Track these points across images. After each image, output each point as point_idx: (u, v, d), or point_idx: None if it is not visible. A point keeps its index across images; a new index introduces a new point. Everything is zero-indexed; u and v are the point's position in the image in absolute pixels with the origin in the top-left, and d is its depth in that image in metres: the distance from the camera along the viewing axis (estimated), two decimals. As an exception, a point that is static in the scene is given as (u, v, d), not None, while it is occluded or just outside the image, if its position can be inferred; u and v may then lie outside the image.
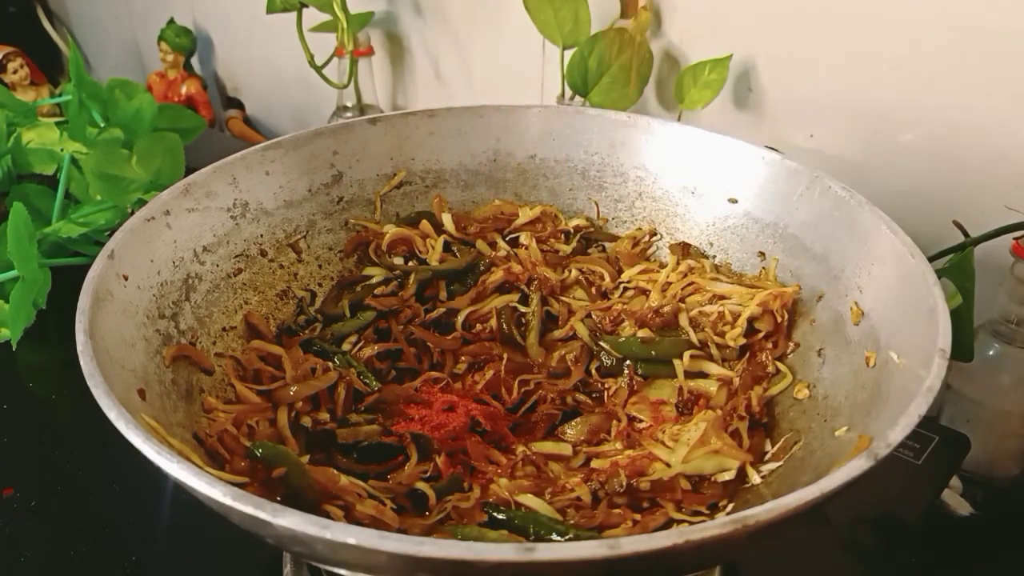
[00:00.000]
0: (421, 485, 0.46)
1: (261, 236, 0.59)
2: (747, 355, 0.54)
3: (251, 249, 0.58)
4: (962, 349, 0.58)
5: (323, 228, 0.63)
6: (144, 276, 0.49)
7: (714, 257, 0.61)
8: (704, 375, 0.53)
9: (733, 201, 0.60)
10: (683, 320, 0.55)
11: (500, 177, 0.67)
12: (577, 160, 0.66)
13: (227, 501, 0.31)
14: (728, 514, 0.38)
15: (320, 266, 0.62)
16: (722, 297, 0.56)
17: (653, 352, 0.54)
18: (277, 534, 0.32)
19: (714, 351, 0.54)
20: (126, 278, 0.47)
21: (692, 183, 0.62)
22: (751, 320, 0.54)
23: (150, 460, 0.34)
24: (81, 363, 0.38)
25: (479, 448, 0.50)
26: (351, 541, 0.29)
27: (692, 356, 0.53)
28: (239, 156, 0.58)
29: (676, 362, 0.53)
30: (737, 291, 0.56)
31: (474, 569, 0.30)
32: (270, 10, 0.97)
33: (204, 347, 0.52)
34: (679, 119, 0.80)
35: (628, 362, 0.54)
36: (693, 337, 0.54)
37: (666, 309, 0.56)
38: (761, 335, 0.54)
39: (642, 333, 0.55)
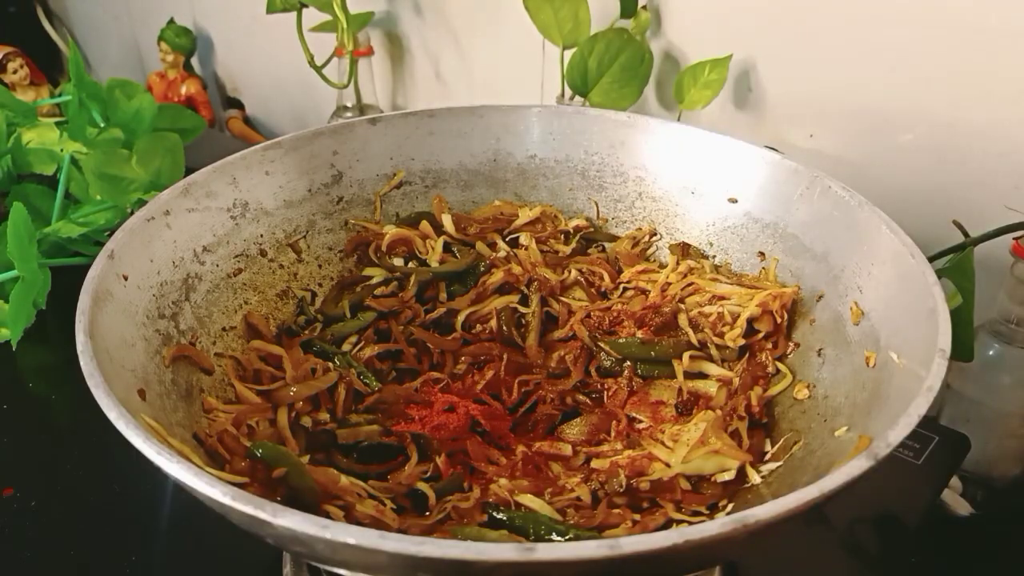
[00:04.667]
0: (421, 485, 0.46)
1: (261, 236, 0.59)
2: (746, 355, 0.54)
3: (251, 249, 0.58)
4: (962, 349, 0.58)
5: (323, 228, 0.63)
6: (144, 276, 0.49)
7: (714, 257, 0.61)
8: (704, 375, 0.53)
9: (733, 201, 0.60)
10: (682, 321, 0.55)
11: (500, 177, 0.67)
12: (577, 160, 0.66)
13: (226, 501, 0.31)
14: (728, 514, 0.38)
15: (320, 266, 0.62)
16: (721, 298, 0.56)
17: (652, 353, 0.54)
18: (277, 534, 0.32)
19: (713, 352, 0.54)
20: (126, 278, 0.47)
21: (692, 183, 0.62)
22: (750, 321, 0.54)
23: (150, 460, 0.34)
24: (81, 363, 0.38)
25: (479, 448, 0.50)
26: (351, 541, 0.29)
27: (691, 357, 0.53)
28: (239, 156, 0.58)
29: (675, 363, 0.53)
30: (736, 291, 0.56)
31: (474, 569, 0.30)
32: (270, 10, 0.97)
33: (204, 347, 0.52)
34: (679, 119, 0.80)
35: (627, 363, 0.54)
36: (692, 338, 0.54)
37: (665, 310, 0.56)
38: (760, 335, 0.54)
39: (641, 334, 0.55)
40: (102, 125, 0.86)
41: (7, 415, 0.67)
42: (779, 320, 0.54)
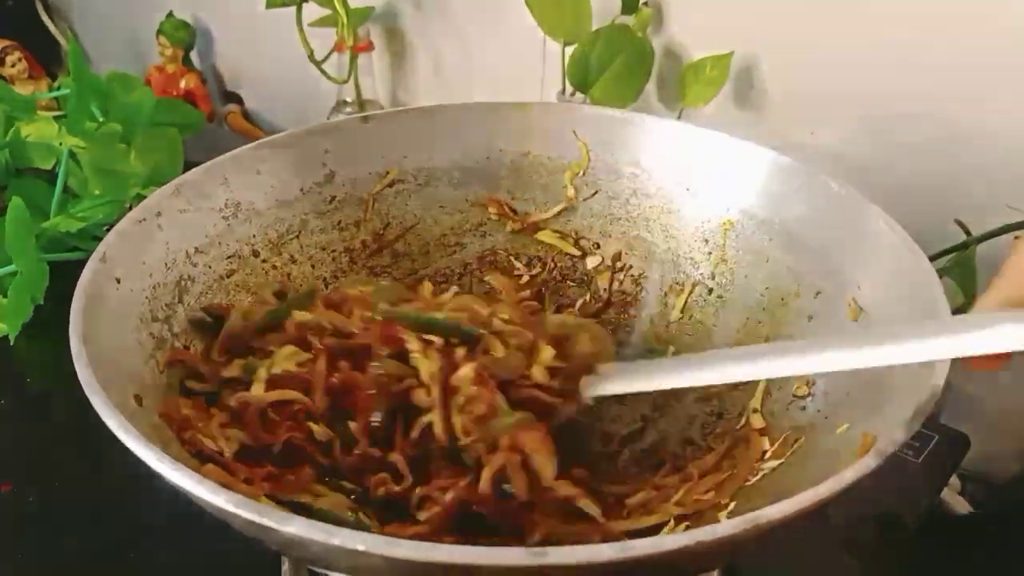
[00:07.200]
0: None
1: (253, 236, 0.58)
2: None
3: (243, 250, 0.58)
4: (963, 348, 0.58)
5: (316, 228, 0.62)
6: (136, 279, 0.48)
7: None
8: None
9: (730, 198, 0.59)
10: None
11: (494, 175, 0.66)
12: (571, 157, 0.65)
13: (231, 508, 0.31)
14: (730, 514, 0.38)
15: (313, 267, 0.62)
16: None
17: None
18: (282, 540, 0.31)
19: None
20: (119, 281, 0.46)
21: (688, 180, 0.61)
22: None
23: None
24: (77, 370, 0.38)
25: None
26: (360, 548, 0.29)
27: None
28: (230, 156, 0.57)
29: None
30: None
31: (483, 573, 0.30)
32: (270, 5, 0.96)
33: (197, 351, 0.51)
34: (679, 116, 0.80)
35: None
36: None
37: None
38: None
39: None
40: (101, 119, 0.85)
41: (4, 410, 0.67)
42: None
